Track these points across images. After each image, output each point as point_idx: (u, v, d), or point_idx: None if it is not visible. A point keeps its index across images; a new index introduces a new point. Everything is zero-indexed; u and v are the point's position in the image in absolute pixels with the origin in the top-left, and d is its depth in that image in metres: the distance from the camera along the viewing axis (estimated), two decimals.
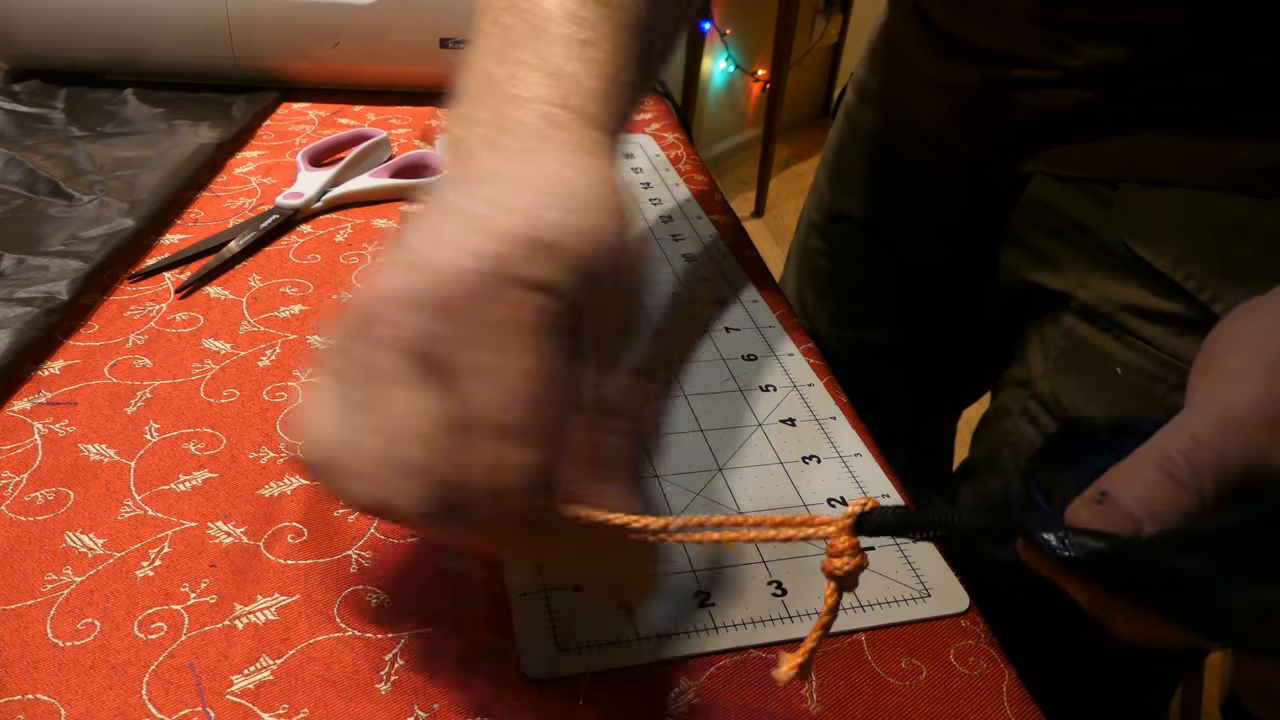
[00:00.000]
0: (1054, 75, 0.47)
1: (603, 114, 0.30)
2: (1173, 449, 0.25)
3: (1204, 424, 0.25)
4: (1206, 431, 0.25)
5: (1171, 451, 0.25)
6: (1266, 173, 0.43)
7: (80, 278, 0.47)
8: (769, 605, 0.34)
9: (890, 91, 0.62)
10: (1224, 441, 0.24)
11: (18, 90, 0.68)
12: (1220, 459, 0.24)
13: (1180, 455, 0.24)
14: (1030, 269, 0.54)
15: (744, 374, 0.46)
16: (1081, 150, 0.49)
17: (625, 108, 0.32)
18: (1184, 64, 0.44)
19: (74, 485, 0.37)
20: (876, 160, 0.64)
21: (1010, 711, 0.31)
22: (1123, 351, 0.48)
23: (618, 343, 0.28)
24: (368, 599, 0.33)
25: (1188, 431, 0.25)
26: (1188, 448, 0.25)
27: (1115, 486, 0.25)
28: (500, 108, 0.29)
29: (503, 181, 0.27)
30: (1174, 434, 0.25)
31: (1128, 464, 0.25)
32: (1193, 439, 0.25)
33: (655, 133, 0.73)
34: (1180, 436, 0.25)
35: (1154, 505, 0.24)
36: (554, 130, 0.28)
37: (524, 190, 0.26)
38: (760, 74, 2.75)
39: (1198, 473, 0.24)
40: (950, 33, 0.53)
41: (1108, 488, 0.25)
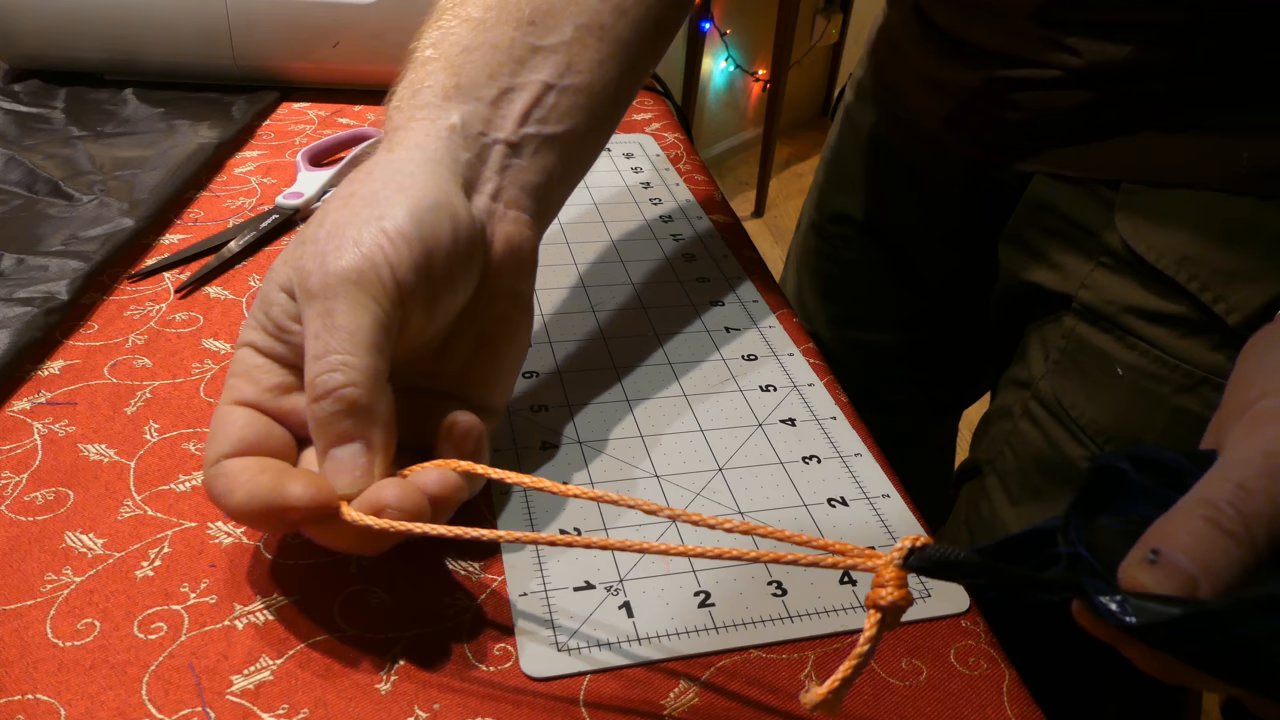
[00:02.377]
0: (1054, 76, 0.47)
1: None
2: (1220, 499, 0.24)
3: (1250, 471, 0.24)
4: (1254, 479, 0.24)
5: (1219, 502, 0.24)
6: (1268, 174, 0.43)
7: (80, 278, 0.47)
8: (769, 605, 0.34)
9: (890, 92, 0.62)
10: (1275, 490, 0.24)
11: (18, 90, 0.68)
12: (1272, 507, 0.23)
13: (1228, 505, 0.24)
14: (1031, 269, 0.54)
15: (744, 374, 0.46)
16: (1082, 151, 0.49)
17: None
18: (1185, 64, 0.44)
19: (74, 485, 0.37)
20: (876, 161, 0.64)
21: (1010, 711, 0.31)
22: (1124, 352, 0.48)
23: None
24: (368, 599, 0.33)
25: (1234, 479, 0.24)
26: (1236, 497, 0.24)
27: (1165, 543, 0.24)
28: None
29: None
30: (1219, 482, 0.24)
31: (1174, 517, 0.24)
32: (1240, 488, 0.24)
33: (655, 133, 0.73)
34: (1226, 485, 0.24)
35: (1207, 561, 0.23)
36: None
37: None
38: (760, 74, 2.75)
39: (1249, 523, 0.23)
40: (950, 33, 0.53)
41: (1158, 545, 0.24)
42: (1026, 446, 0.54)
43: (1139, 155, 0.46)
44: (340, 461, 0.30)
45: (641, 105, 0.79)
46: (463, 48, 0.36)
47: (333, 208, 0.32)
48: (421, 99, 0.35)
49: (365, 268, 0.30)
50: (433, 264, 0.31)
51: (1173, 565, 0.23)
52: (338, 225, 0.31)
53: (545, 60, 0.36)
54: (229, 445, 0.30)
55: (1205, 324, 0.45)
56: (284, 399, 0.32)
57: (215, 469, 0.30)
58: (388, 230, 0.31)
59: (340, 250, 0.30)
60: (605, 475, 0.39)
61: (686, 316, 0.50)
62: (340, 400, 0.29)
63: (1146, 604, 0.23)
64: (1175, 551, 0.23)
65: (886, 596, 0.26)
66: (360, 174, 0.33)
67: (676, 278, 0.54)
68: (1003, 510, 0.55)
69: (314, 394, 0.30)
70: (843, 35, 3.00)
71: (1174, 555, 0.23)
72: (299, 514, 0.29)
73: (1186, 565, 0.23)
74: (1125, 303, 0.48)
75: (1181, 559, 0.23)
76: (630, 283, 0.53)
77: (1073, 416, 0.50)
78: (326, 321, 0.30)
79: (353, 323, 0.30)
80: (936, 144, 0.57)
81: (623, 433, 0.42)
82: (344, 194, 0.32)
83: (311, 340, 0.30)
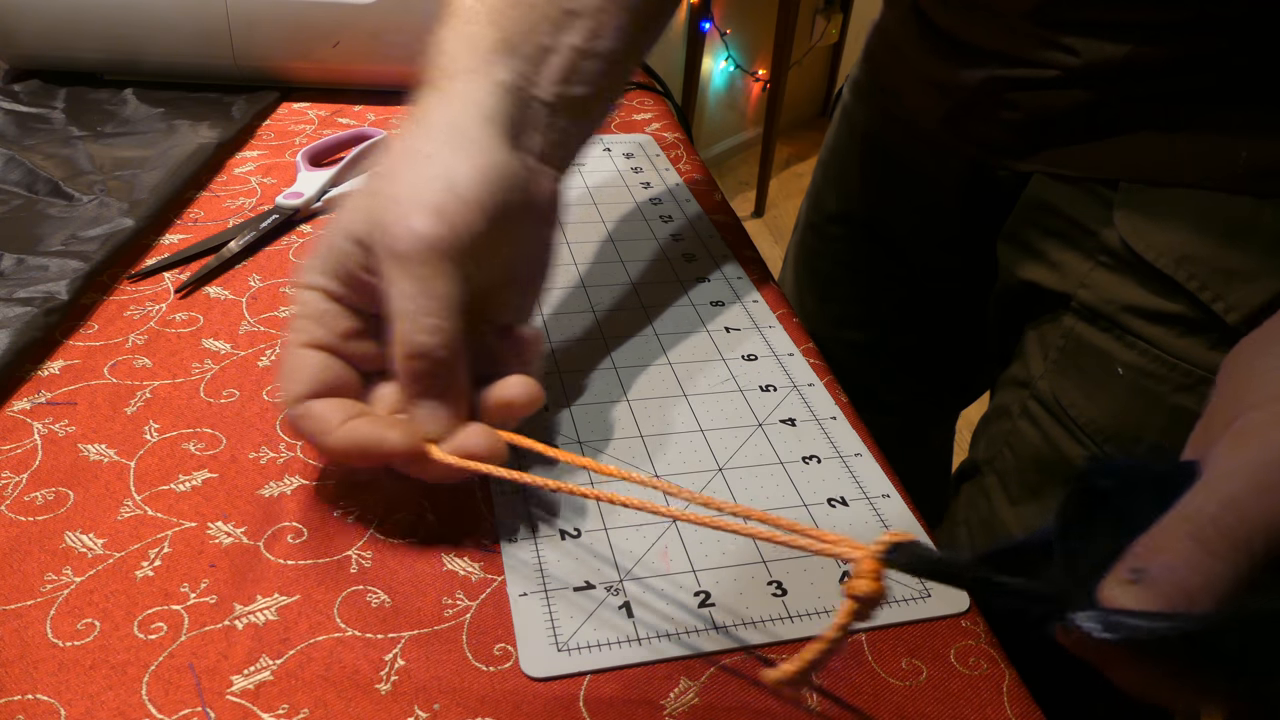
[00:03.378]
0: (1053, 75, 0.47)
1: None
2: (1205, 517, 0.23)
3: (1237, 487, 0.24)
4: (1244, 495, 0.23)
5: (1203, 520, 0.23)
6: (1267, 173, 0.43)
7: (80, 278, 0.47)
8: (769, 605, 0.34)
9: (887, 92, 0.62)
10: (1260, 506, 0.23)
11: (18, 90, 0.68)
12: (1261, 525, 0.23)
13: (1212, 524, 0.23)
14: (1030, 269, 0.54)
15: (744, 374, 0.46)
16: (1081, 150, 0.49)
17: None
18: (1183, 64, 0.44)
19: (74, 485, 0.37)
20: (873, 161, 0.64)
21: (1010, 711, 0.31)
22: (1123, 352, 0.48)
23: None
24: (368, 599, 0.33)
25: (1219, 496, 0.24)
26: (1222, 514, 0.23)
27: (1149, 561, 0.23)
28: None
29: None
30: (1205, 499, 0.24)
31: (1158, 534, 0.24)
32: (1225, 505, 0.23)
33: (655, 133, 0.73)
34: (1212, 502, 0.24)
35: (1191, 581, 0.23)
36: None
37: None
38: (760, 74, 2.75)
39: (1234, 543, 0.23)
40: (948, 33, 0.53)
41: (1141, 563, 0.23)
42: (1025, 446, 0.54)
43: (1137, 154, 0.46)
44: (431, 411, 0.34)
45: (641, 105, 0.79)
46: (505, 1, 0.38)
47: (403, 164, 0.34)
48: (471, 48, 0.37)
49: (450, 236, 0.33)
50: (498, 226, 0.34)
51: (1155, 584, 0.23)
52: (414, 187, 0.33)
53: (575, 24, 0.38)
54: (309, 386, 0.34)
55: (1204, 323, 0.45)
56: (353, 343, 0.35)
57: (302, 409, 0.34)
58: (465, 197, 0.33)
59: (424, 214, 0.33)
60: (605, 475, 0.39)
61: (686, 316, 0.50)
62: (433, 361, 0.33)
63: (1125, 620, 0.22)
64: (1158, 569, 0.23)
65: (863, 587, 0.27)
66: (422, 129, 0.35)
67: (676, 278, 0.54)
68: (1002, 510, 0.55)
69: (408, 351, 0.33)
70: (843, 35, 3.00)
71: (1157, 573, 0.23)
72: (395, 457, 0.33)
73: (1169, 584, 0.23)
74: (1124, 302, 0.48)
75: (1164, 577, 0.23)
76: (630, 283, 0.53)
77: (1071, 416, 0.50)
78: (422, 286, 0.32)
79: (443, 290, 0.33)
80: (935, 144, 0.57)
81: (623, 433, 0.42)
82: (411, 150, 0.35)
83: (403, 300, 0.33)
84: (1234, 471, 0.24)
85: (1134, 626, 0.22)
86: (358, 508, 0.37)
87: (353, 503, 0.37)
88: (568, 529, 0.36)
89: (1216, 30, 0.42)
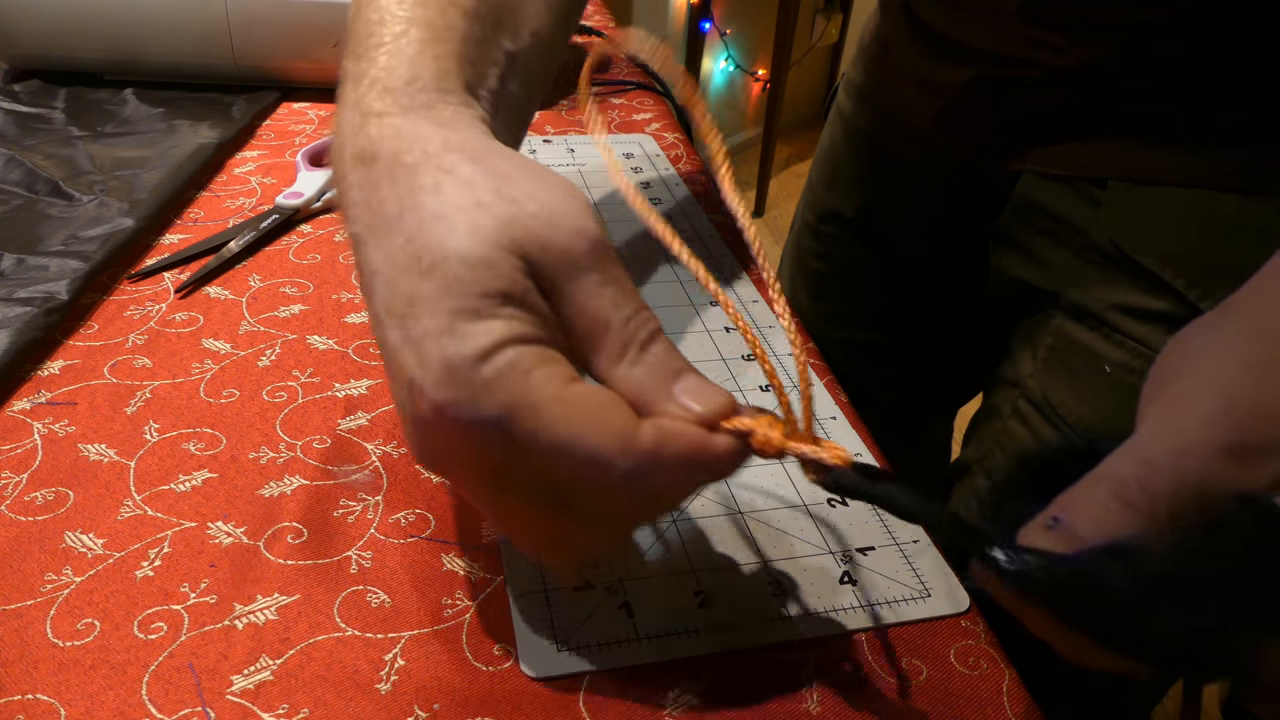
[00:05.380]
0: (1042, 74, 0.48)
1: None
2: (1126, 474, 0.25)
3: (1157, 449, 0.25)
4: (1160, 457, 0.25)
5: (1125, 476, 0.25)
6: (1253, 171, 0.43)
7: (80, 278, 0.47)
8: (769, 605, 0.34)
9: (880, 91, 0.62)
10: (1177, 467, 0.24)
11: (18, 90, 0.68)
12: (1174, 485, 0.24)
13: (1133, 480, 0.24)
14: (1019, 268, 0.54)
15: (744, 374, 0.46)
16: (1070, 149, 0.49)
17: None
18: (1171, 63, 0.44)
19: (74, 485, 0.37)
20: (867, 160, 0.64)
21: (1010, 711, 0.31)
22: (1111, 350, 0.48)
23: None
24: (368, 599, 0.33)
25: (1139, 455, 0.25)
26: (1141, 473, 0.24)
27: (1068, 512, 0.25)
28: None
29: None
30: (1126, 459, 0.25)
31: (1080, 488, 0.25)
32: (1145, 463, 0.25)
33: (655, 133, 0.73)
34: (1132, 461, 0.25)
35: (1106, 529, 0.24)
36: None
37: None
38: (760, 74, 2.75)
39: (1151, 498, 0.24)
40: (939, 32, 0.53)
41: (1059, 513, 0.25)
42: (1015, 445, 0.54)
43: (1125, 153, 0.47)
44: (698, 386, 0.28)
45: (641, 105, 0.79)
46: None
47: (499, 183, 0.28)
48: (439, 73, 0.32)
49: (603, 231, 0.28)
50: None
51: (1070, 530, 0.24)
52: (544, 204, 0.27)
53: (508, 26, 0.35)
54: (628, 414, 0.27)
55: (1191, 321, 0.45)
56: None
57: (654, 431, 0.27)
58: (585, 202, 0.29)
59: (571, 219, 0.27)
60: None
61: (687, 316, 0.50)
62: (666, 339, 0.28)
63: (1029, 557, 0.24)
64: (1076, 518, 0.24)
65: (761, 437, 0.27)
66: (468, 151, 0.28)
67: (676, 278, 0.54)
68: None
69: (643, 342, 0.28)
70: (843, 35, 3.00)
71: (1073, 520, 0.24)
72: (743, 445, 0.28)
73: (1084, 530, 0.24)
74: (1112, 300, 0.48)
75: (1081, 524, 0.24)
76: None
77: (1061, 415, 0.50)
78: (619, 287, 0.28)
79: (627, 278, 0.28)
80: (926, 143, 0.57)
81: None
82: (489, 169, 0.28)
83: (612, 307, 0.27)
84: (1154, 437, 0.25)
85: (1033, 563, 0.24)
86: (358, 508, 0.37)
87: (353, 503, 0.37)
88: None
89: (1203, 29, 0.42)
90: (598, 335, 0.27)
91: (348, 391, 0.43)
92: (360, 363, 0.45)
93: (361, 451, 0.40)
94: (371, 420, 0.41)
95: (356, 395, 0.43)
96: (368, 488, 0.38)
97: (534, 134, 0.71)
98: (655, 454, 0.26)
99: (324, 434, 0.40)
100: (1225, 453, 0.24)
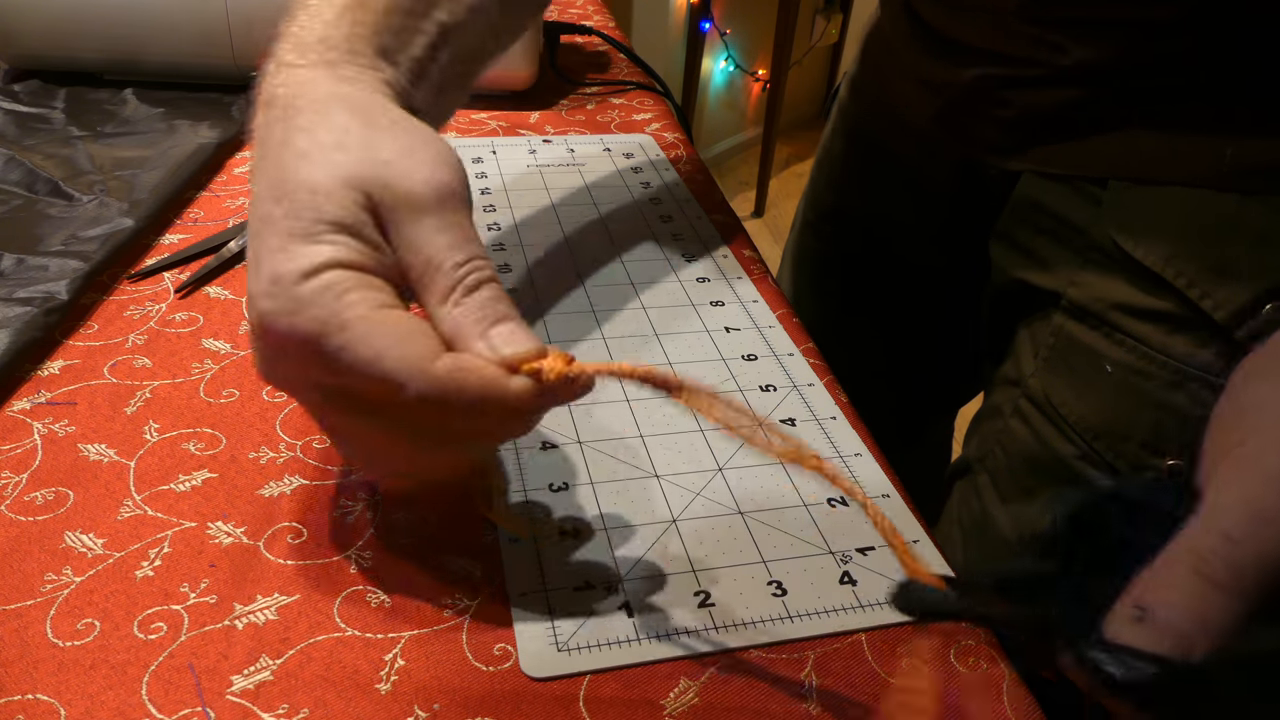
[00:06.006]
0: (1042, 74, 0.48)
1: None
2: (1206, 550, 0.24)
3: (1234, 520, 0.24)
4: (1239, 528, 0.24)
5: (1205, 553, 0.23)
6: (1254, 170, 0.43)
7: (80, 278, 0.47)
8: (769, 605, 0.34)
9: (881, 90, 0.62)
10: (1260, 538, 0.23)
11: (18, 90, 0.68)
12: (1259, 558, 0.23)
13: (1215, 557, 0.23)
14: (1020, 267, 0.54)
15: (744, 374, 0.46)
16: (1070, 149, 0.49)
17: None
18: (1171, 62, 0.44)
19: (74, 485, 0.37)
20: (868, 159, 0.64)
21: (1010, 711, 0.31)
22: (1112, 349, 0.48)
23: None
24: (368, 599, 0.33)
25: (1219, 529, 0.24)
26: (1222, 548, 0.23)
27: (1152, 598, 0.24)
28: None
29: None
30: (1204, 533, 0.24)
31: (1160, 569, 0.24)
32: (1226, 538, 0.24)
33: (655, 133, 0.73)
34: (1211, 535, 0.24)
35: (1198, 615, 0.23)
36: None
37: None
38: (760, 74, 2.75)
39: (1238, 575, 0.23)
40: (940, 32, 0.53)
41: (1144, 600, 0.24)
42: (1016, 444, 0.54)
43: (1125, 152, 0.47)
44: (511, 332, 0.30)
45: (641, 105, 0.79)
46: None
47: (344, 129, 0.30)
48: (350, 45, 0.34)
49: (457, 184, 0.31)
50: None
51: (1162, 621, 0.23)
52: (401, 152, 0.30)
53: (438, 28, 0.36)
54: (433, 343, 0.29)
55: (1192, 320, 0.45)
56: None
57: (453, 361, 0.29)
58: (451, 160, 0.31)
59: (423, 168, 0.30)
60: (605, 475, 0.39)
61: (686, 316, 0.50)
62: (494, 287, 0.30)
63: (1135, 662, 0.23)
64: (1163, 606, 0.23)
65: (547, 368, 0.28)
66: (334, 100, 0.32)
67: (676, 277, 0.54)
68: (993, 508, 0.55)
69: (469, 287, 0.30)
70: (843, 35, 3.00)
71: (1162, 610, 0.23)
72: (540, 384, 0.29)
73: (1176, 620, 0.23)
74: (1113, 300, 0.48)
75: (1170, 614, 0.23)
76: (630, 283, 0.53)
77: (1062, 414, 0.50)
78: (457, 234, 0.30)
79: (472, 229, 0.31)
80: (927, 142, 0.57)
81: (623, 432, 0.42)
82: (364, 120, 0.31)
83: (446, 250, 0.30)
84: (1231, 505, 0.24)
85: (1138, 667, 0.23)
86: (357, 508, 0.37)
87: (353, 503, 0.37)
88: (567, 529, 0.36)
89: (1203, 29, 0.42)
90: (429, 275, 0.30)
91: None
92: None
93: None
94: None
95: None
96: (368, 488, 0.38)
97: (534, 134, 0.71)
98: (447, 383, 0.28)
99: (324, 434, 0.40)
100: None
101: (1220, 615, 0.23)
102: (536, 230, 0.58)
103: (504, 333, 0.29)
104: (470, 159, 0.66)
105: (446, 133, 0.70)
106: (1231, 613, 0.23)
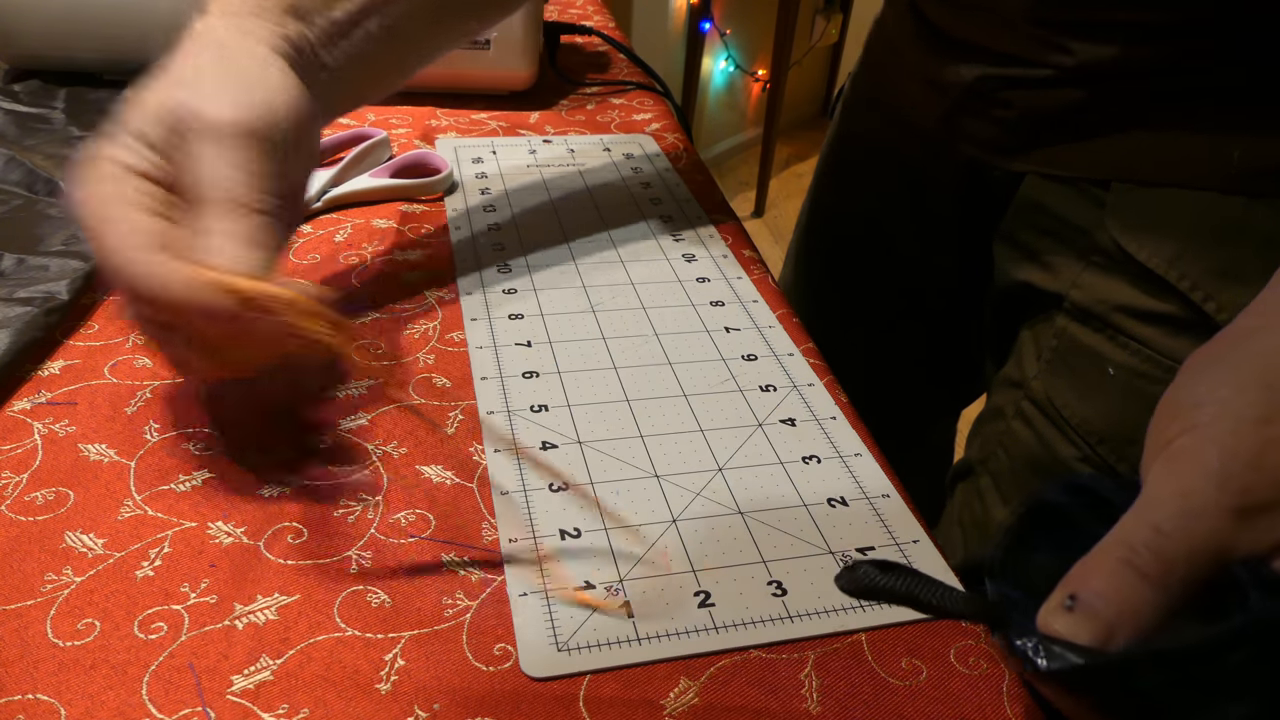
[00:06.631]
0: (1047, 75, 0.48)
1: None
2: (1137, 542, 0.24)
3: (1166, 513, 0.25)
4: (1170, 522, 0.24)
5: (1136, 545, 0.24)
6: (1259, 173, 0.43)
7: (80, 277, 0.47)
8: (769, 605, 0.34)
9: (886, 90, 0.62)
10: (1188, 533, 0.24)
11: (18, 90, 0.68)
12: (1187, 551, 0.24)
13: (1146, 549, 0.24)
14: (1024, 269, 0.54)
15: (744, 374, 0.46)
16: (1074, 150, 0.49)
17: None
18: (1176, 64, 0.44)
19: (74, 485, 0.37)
20: (872, 159, 0.64)
21: (1010, 711, 0.31)
22: (1115, 352, 0.48)
23: None
24: (368, 599, 0.33)
25: (1151, 521, 0.25)
26: (1152, 540, 0.24)
27: (1083, 586, 0.25)
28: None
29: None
30: (1136, 525, 0.25)
31: (1093, 559, 0.25)
32: (1156, 531, 0.24)
33: (655, 133, 0.73)
34: (1144, 528, 0.25)
35: (1124, 604, 0.24)
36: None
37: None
38: (760, 74, 2.75)
39: (1167, 568, 0.24)
40: (945, 32, 0.53)
41: (1076, 589, 0.25)
42: (1019, 446, 0.54)
43: (1130, 154, 0.47)
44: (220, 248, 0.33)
45: (641, 105, 0.79)
46: None
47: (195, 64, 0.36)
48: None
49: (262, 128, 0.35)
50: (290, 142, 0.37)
51: (1089, 611, 0.24)
52: (221, 88, 0.35)
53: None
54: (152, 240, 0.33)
55: (1196, 323, 0.45)
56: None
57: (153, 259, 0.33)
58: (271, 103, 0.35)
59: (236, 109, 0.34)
60: (605, 475, 0.39)
61: (686, 316, 0.50)
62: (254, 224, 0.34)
63: (1060, 651, 0.24)
64: (1092, 596, 0.24)
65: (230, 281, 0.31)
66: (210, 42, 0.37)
67: (676, 278, 0.54)
68: (995, 510, 0.55)
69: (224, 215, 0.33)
70: (843, 35, 3.00)
71: (1091, 600, 0.24)
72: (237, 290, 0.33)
73: (1103, 609, 0.24)
74: (1116, 302, 0.48)
75: (1098, 604, 0.24)
76: (630, 283, 0.53)
77: (1064, 416, 0.50)
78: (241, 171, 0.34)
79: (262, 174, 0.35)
80: (931, 143, 0.57)
81: (623, 433, 0.42)
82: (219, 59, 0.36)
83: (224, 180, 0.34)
84: (1164, 498, 0.25)
85: (1063, 658, 0.24)
86: (358, 508, 0.37)
87: (353, 503, 0.37)
88: (568, 529, 0.36)
89: (1208, 31, 0.42)
90: (200, 197, 0.34)
91: (348, 391, 0.43)
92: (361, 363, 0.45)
93: (362, 451, 0.40)
94: (371, 420, 0.41)
95: (356, 395, 0.43)
96: (368, 488, 0.38)
97: (534, 134, 0.71)
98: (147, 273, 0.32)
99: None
100: (1233, 515, 0.24)
101: (1146, 607, 0.24)
102: (536, 230, 0.58)
103: (216, 246, 0.33)
104: (470, 159, 0.66)
105: (447, 133, 0.70)
106: (1155, 605, 0.24)
